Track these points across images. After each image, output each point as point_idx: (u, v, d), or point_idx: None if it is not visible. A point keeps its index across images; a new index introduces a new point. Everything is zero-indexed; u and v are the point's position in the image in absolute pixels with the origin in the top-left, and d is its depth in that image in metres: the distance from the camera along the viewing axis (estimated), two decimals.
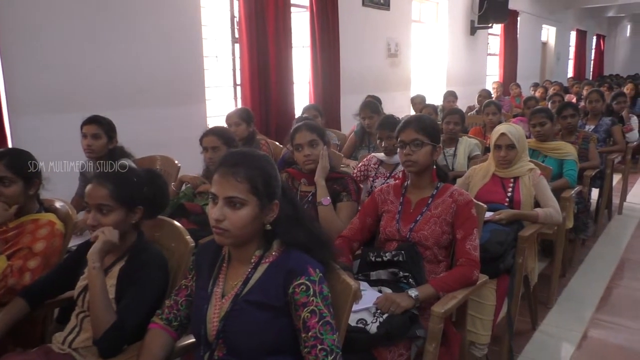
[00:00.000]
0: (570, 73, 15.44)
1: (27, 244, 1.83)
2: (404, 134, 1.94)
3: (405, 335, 1.64)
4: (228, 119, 3.39)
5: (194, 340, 1.41)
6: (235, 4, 4.69)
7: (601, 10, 16.16)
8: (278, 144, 3.70)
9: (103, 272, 1.53)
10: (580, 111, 4.18)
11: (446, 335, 1.78)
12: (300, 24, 5.42)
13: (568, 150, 3.27)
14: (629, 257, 3.88)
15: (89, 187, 1.59)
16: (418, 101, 6.09)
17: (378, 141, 2.96)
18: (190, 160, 2.96)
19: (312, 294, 1.26)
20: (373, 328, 1.59)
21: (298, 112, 4.73)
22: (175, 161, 3.02)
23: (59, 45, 3.36)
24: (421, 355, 1.69)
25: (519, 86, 8.84)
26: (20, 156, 1.95)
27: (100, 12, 3.55)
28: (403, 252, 1.84)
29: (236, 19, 4.72)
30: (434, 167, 2.00)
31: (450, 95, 6.27)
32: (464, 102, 7.09)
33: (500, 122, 3.56)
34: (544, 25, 13.05)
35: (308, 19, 5.40)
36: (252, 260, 1.34)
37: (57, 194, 2.12)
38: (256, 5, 4.60)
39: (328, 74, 5.55)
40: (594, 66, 17.96)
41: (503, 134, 2.60)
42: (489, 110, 4.44)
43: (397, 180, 2.11)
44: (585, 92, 6.55)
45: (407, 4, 7.25)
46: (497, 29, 10.04)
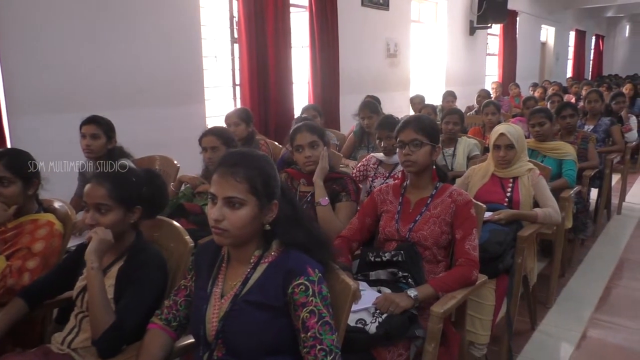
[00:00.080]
0: (569, 73, 15.46)
1: (26, 244, 1.83)
2: (403, 134, 1.95)
3: (404, 335, 1.64)
4: (227, 119, 3.38)
5: (193, 340, 1.41)
6: (235, 4, 4.69)
7: (600, 11, 16.17)
8: (277, 144, 3.69)
9: (102, 272, 1.52)
10: (579, 111, 4.18)
11: (445, 335, 1.78)
12: (300, 24, 5.42)
13: (567, 150, 3.27)
14: (628, 257, 3.88)
15: (88, 187, 1.59)
16: (417, 101, 6.08)
17: (377, 141, 2.96)
18: (189, 160, 2.96)
19: (311, 294, 1.26)
20: (372, 328, 1.59)
21: (297, 112, 4.73)
22: (175, 161, 3.02)
23: (58, 46, 3.37)
24: (420, 355, 1.69)
25: (518, 86, 8.83)
26: (19, 156, 1.95)
27: (99, 12, 3.55)
28: (402, 252, 1.84)
29: (235, 19, 4.72)
30: (433, 167, 2.00)
31: (449, 96, 6.26)
32: (463, 102, 7.09)
33: (499, 122, 3.55)
34: (543, 26, 13.05)
35: (307, 19, 5.40)
36: (252, 261, 1.34)
37: (56, 194, 2.12)
38: (255, 5, 4.60)
39: (327, 74, 5.55)
40: (593, 66, 17.97)
41: (502, 134, 2.60)
42: (488, 110, 4.43)
43: (397, 180, 2.11)
44: (584, 92, 6.56)
45: (406, 4, 7.25)
46: (496, 29, 10.05)
